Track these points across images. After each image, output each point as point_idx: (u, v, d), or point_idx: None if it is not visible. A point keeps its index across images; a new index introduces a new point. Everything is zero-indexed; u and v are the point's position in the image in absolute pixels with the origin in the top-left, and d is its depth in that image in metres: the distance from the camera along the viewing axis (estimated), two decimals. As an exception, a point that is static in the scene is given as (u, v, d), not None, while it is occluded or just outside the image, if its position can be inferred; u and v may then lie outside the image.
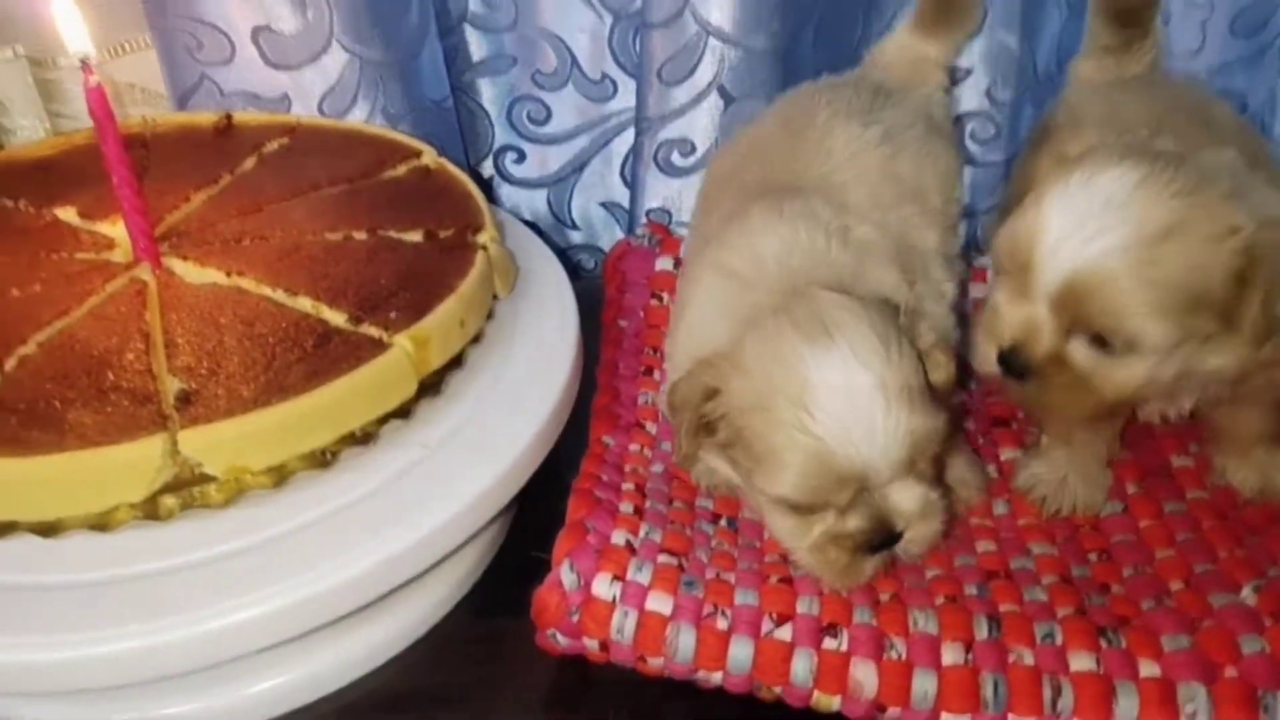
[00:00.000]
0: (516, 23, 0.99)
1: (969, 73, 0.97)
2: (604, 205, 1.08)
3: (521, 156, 1.06)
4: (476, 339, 0.67)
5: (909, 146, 0.74)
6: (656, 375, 0.82)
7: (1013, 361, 0.62)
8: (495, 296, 0.71)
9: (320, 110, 0.88)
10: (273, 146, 0.80)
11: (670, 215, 0.98)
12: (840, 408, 0.55)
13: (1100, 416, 0.65)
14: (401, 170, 0.77)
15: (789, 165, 0.72)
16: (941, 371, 0.61)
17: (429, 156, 0.79)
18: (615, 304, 0.88)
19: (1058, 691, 0.58)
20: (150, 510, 0.56)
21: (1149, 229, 0.57)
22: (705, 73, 0.90)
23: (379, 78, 0.89)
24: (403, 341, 0.60)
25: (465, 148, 1.03)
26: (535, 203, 1.08)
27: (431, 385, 0.63)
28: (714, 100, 0.92)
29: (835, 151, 0.72)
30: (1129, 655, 0.59)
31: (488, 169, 1.07)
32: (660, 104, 0.93)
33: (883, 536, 0.59)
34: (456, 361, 0.65)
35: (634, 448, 0.74)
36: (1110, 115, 0.73)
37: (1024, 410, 0.66)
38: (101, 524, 0.55)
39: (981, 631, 0.61)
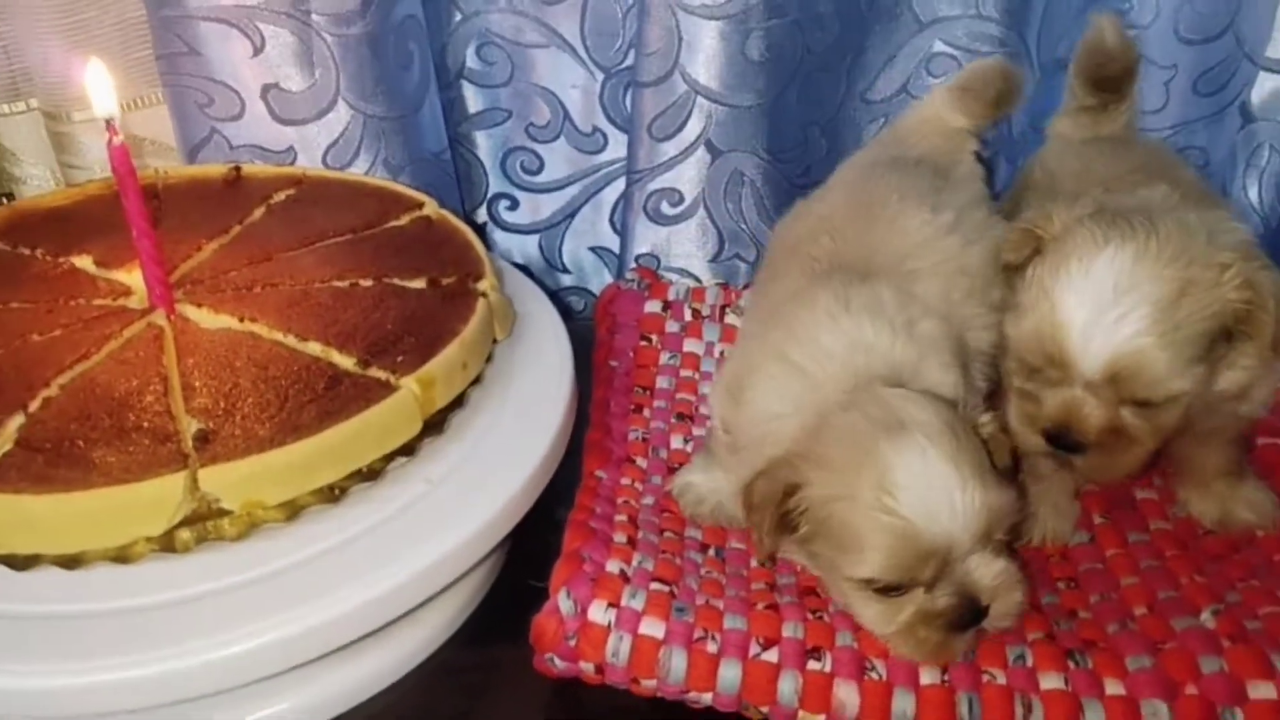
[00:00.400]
0: (512, 78, 1.04)
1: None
2: (593, 250, 1.12)
3: (515, 204, 1.11)
4: (477, 380, 0.71)
5: (976, 235, 0.74)
6: (646, 413, 0.85)
7: (1064, 440, 0.65)
8: (494, 340, 0.74)
9: (324, 162, 0.92)
10: (280, 198, 0.84)
11: (659, 260, 1.02)
12: (921, 488, 0.59)
13: (1151, 460, 0.68)
14: (405, 220, 0.81)
15: (861, 242, 0.73)
16: (1004, 454, 0.65)
17: (430, 207, 0.83)
18: (606, 345, 0.92)
19: (1029, 709, 0.61)
20: (167, 543, 0.59)
21: (1162, 301, 0.61)
22: (693, 128, 0.95)
23: (381, 132, 0.93)
24: (409, 384, 0.64)
25: (461, 195, 1.07)
26: (527, 247, 1.12)
27: (435, 424, 0.66)
28: (701, 154, 0.96)
29: (910, 235, 0.73)
30: (1095, 675, 0.62)
31: (482, 215, 1.11)
32: (650, 157, 0.97)
33: (971, 613, 0.61)
34: (458, 402, 0.68)
35: (625, 481, 0.77)
36: (1083, 171, 0.78)
37: (1083, 477, 0.71)
38: (122, 557, 0.58)
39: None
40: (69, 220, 0.81)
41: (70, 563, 0.58)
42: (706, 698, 0.64)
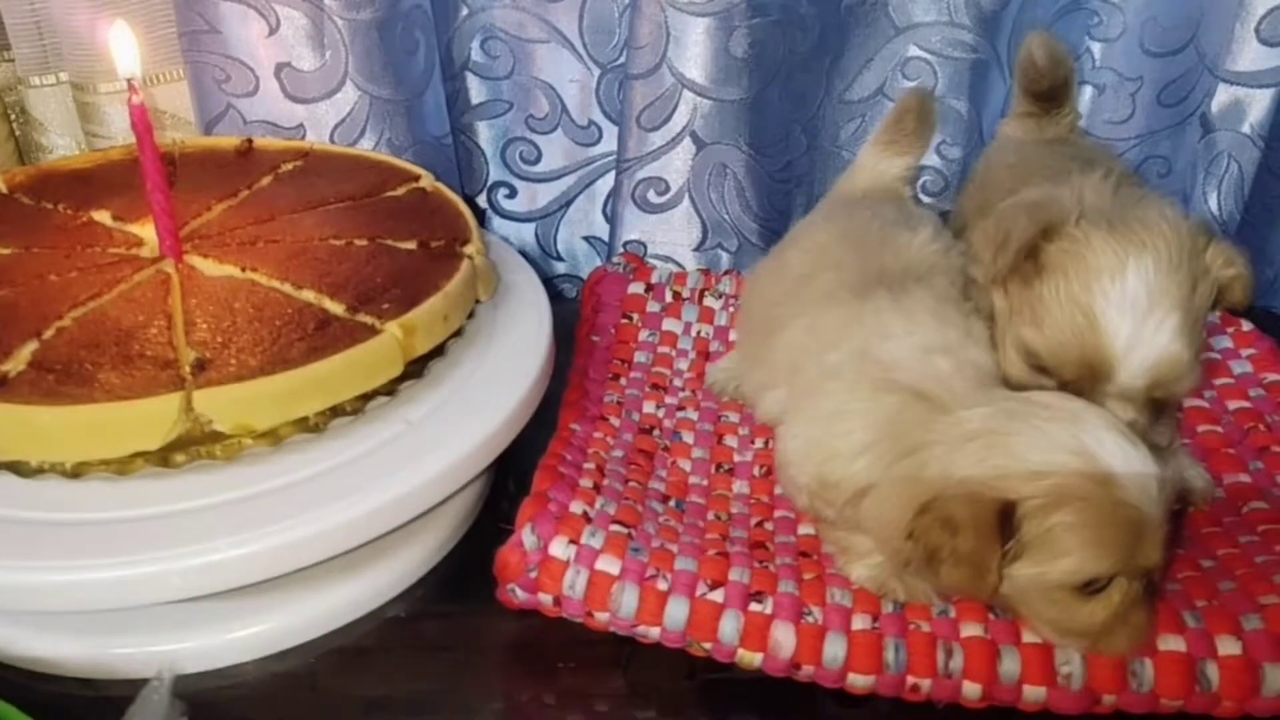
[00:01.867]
0: (513, 72, 1.09)
1: (922, 131, 1.07)
2: (587, 239, 1.18)
3: (513, 192, 1.16)
4: (459, 333, 0.76)
5: (948, 240, 0.81)
6: (623, 381, 0.90)
7: None
8: (478, 300, 0.79)
9: (332, 139, 0.98)
10: (288, 167, 0.90)
11: (645, 248, 1.07)
12: (1133, 475, 0.60)
13: None
14: (401, 191, 0.87)
15: (865, 265, 0.76)
16: None
17: (426, 180, 0.88)
18: (590, 322, 0.97)
19: (950, 654, 0.66)
20: (162, 461, 0.64)
21: (1183, 301, 0.66)
22: (680, 119, 1.00)
23: (387, 113, 0.99)
24: (393, 328, 0.69)
25: (462, 182, 1.12)
26: (524, 235, 1.18)
27: (416, 370, 0.71)
28: (687, 144, 1.01)
29: (903, 250, 0.78)
30: (1013, 625, 0.67)
31: (481, 202, 1.17)
32: (639, 146, 1.02)
33: (1152, 589, 0.64)
34: (439, 351, 0.74)
35: (598, 435, 0.82)
36: (1018, 164, 0.84)
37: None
38: (121, 471, 0.64)
39: (887, 607, 0.68)
40: (91, 180, 0.87)
41: (73, 473, 0.63)
42: (654, 632, 0.68)
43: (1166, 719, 0.65)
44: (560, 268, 1.20)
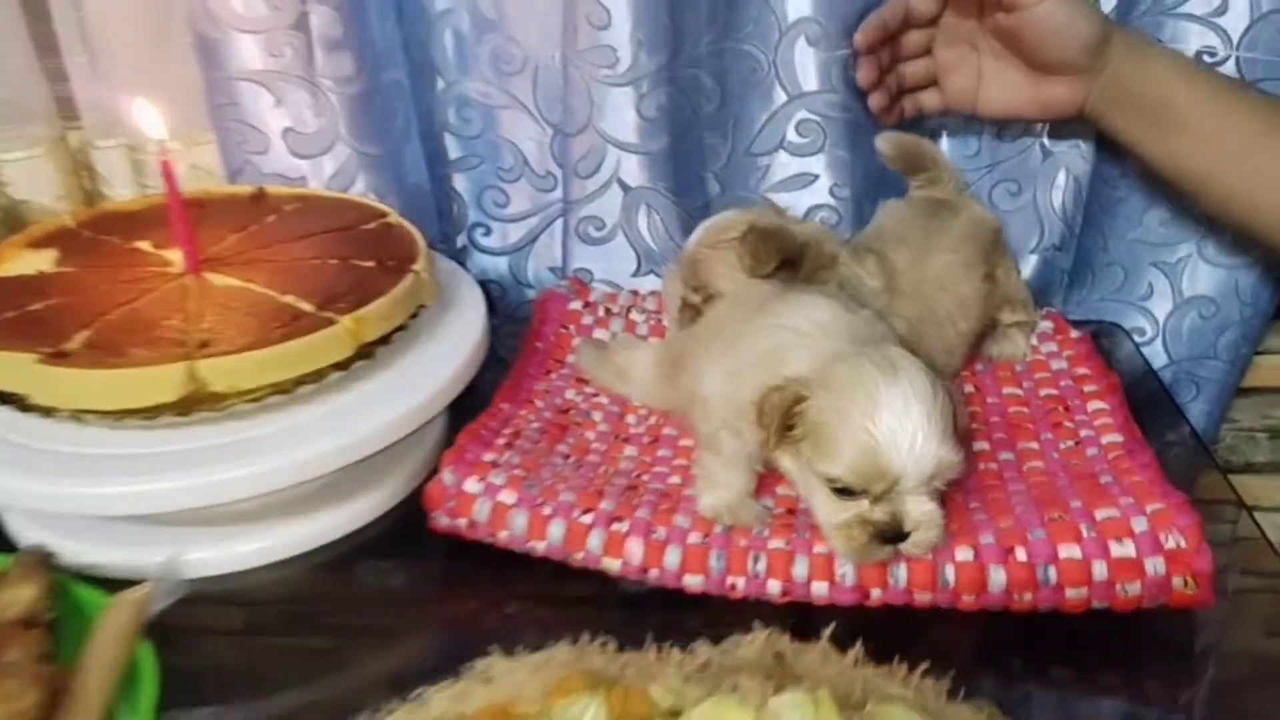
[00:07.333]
0: (483, 132, 1.33)
1: (816, 177, 1.29)
2: (551, 269, 1.39)
3: (489, 231, 1.38)
4: (403, 328, 0.99)
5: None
6: (553, 376, 1.11)
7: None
8: (423, 305, 1.03)
9: (328, 186, 1.23)
10: (290, 208, 1.15)
11: (591, 274, 1.30)
12: (895, 423, 0.75)
13: None
14: (373, 224, 1.11)
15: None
16: (965, 419, 0.88)
17: (392, 217, 1.12)
18: (535, 332, 1.20)
19: (757, 560, 0.86)
20: (180, 414, 0.88)
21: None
22: (608, 169, 1.22)
23: (372, 165, 1.23)
24: (346, 321, 0.92)
25: (444, 225, 1.36)
26: (500, 267, 1.40)
27: (365, 353, 0.94)
28: (615, 189, 1.23)
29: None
30: (808, 542, 0.87)
31: (462, 240, 1.41)
32: (578, 192, 1.25)
33: (894, 532, 0.78)
34: (385, 340, 0.97)
35: (523, 413, 1.04)
36: (879, 223, 1.12)
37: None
38: (149, 419, 0.87)
39: (717, 529, 0.89)
40: (137, 218, 1.12)
41: (114, 419, 0.87)
42: (541, 546, 0.90)
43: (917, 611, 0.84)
44: (530, 294, 1.42)
